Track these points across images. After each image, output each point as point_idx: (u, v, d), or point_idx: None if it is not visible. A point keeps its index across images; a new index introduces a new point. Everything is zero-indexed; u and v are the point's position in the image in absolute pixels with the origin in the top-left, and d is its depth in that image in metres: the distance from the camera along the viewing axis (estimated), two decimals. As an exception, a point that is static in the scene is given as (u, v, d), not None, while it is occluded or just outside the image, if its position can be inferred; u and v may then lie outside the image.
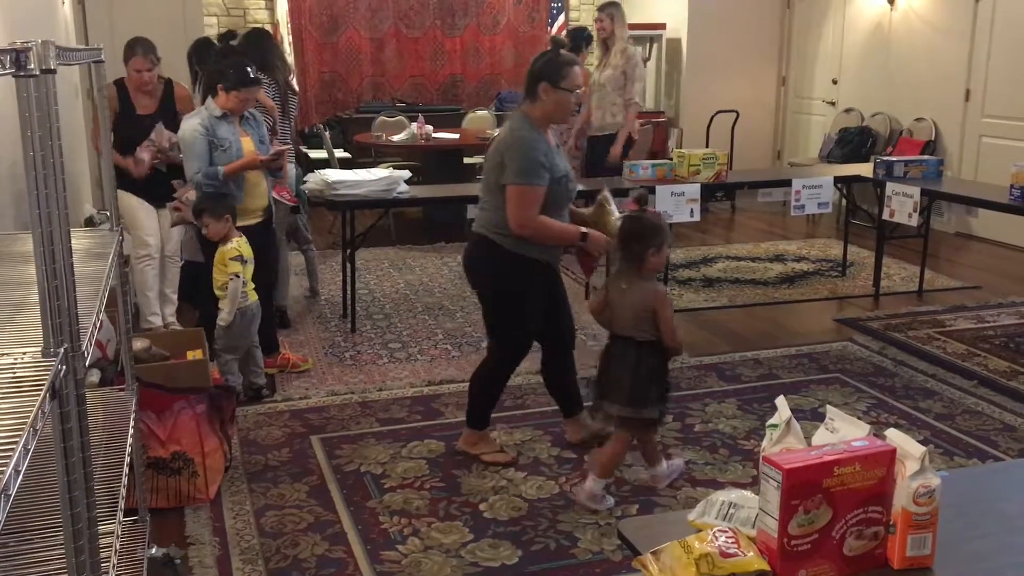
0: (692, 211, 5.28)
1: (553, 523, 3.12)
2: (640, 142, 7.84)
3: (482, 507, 3.23)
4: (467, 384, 4.30)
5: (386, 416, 4.00)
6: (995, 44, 7.13)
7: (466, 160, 8.08)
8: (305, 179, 5.11)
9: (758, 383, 4.34)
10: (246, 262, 3.97)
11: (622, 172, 5.55)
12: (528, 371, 4.50)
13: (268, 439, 3.76)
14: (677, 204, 5.16)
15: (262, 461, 3.58)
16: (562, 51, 3.36)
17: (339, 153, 8.12)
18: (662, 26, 9.44)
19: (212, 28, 9.00)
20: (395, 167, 6.06)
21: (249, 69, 4.11)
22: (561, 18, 9.67)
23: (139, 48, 4.62)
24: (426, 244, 7.24)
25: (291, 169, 4.92)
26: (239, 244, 3.97)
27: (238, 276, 3.93)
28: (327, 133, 8.03)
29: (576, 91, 3.31)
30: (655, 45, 9.61)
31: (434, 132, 7.81)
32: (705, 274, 6.35)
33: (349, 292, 5.27)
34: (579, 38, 6.49)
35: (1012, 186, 4.78)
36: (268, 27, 9.17)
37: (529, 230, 3.27)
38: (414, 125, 7.79)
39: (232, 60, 4.25)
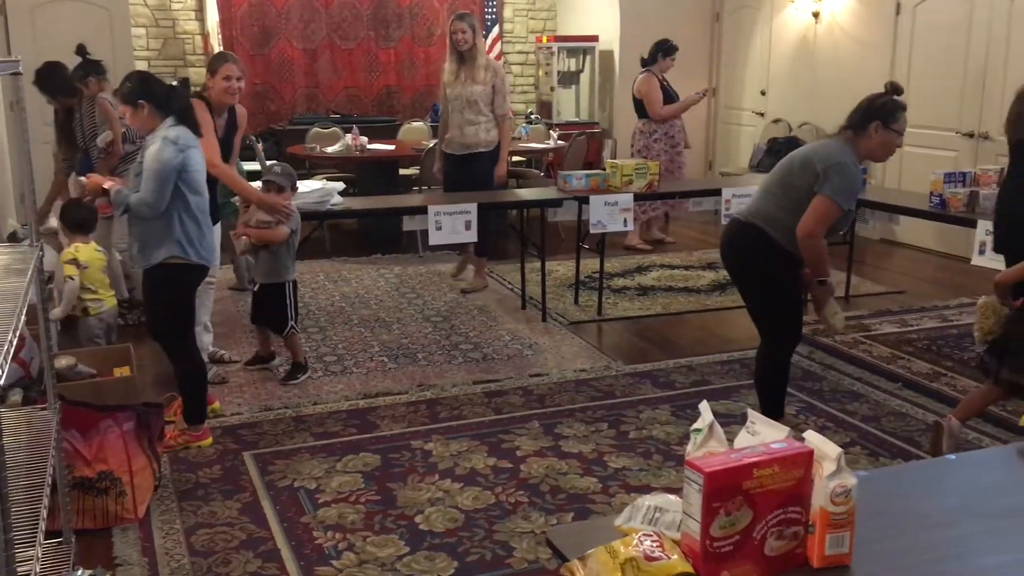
0: (625, 220, 5.35)
1: (489, 533, 3.12)
2: (574, 152, 7.93)
3: (418, 519, 3.21)
4: (403, 396, 4.33)
5: (321, 430, 3.96)
6: (915, 56, 7.37)
7: (402, 171, 8.06)
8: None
9: (691, 389, 4.41)
10: (84, 267, 4.45)
11: (507, 187, 5.63)
12: (464, 382, 4.51)
13: (199, 456, 3.69)
14: (611, 214, 5.22)
15: (193, 479, 3.51)
16: (896, 97, 3.53)
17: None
18: (595, 38, 9.56)
19: (140, 39, 8.86)
20: (329, 179, 6.03)
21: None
22: (495, 30, 9.72)
23: (229, 56, 4.41)
24: (362, 256, 7.20)
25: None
26: (76, 249, 4.47)
27: (73, 279, 4.41)
28: (260, 145, 7.93)
29: (902, 135, 3.52)
30: (588, 57, 9.72)
31: (369, 143, 7.77)
32: (640, 283, 6.42)
33: (283, 305, 5.20)
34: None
35: (932, 193, 4.94)
36: (199, 38, 9.06)
37: (811, 240, 3.44)
38: (348, 136, 7.75)
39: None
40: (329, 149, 7.73)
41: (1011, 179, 3.96)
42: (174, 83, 4.40)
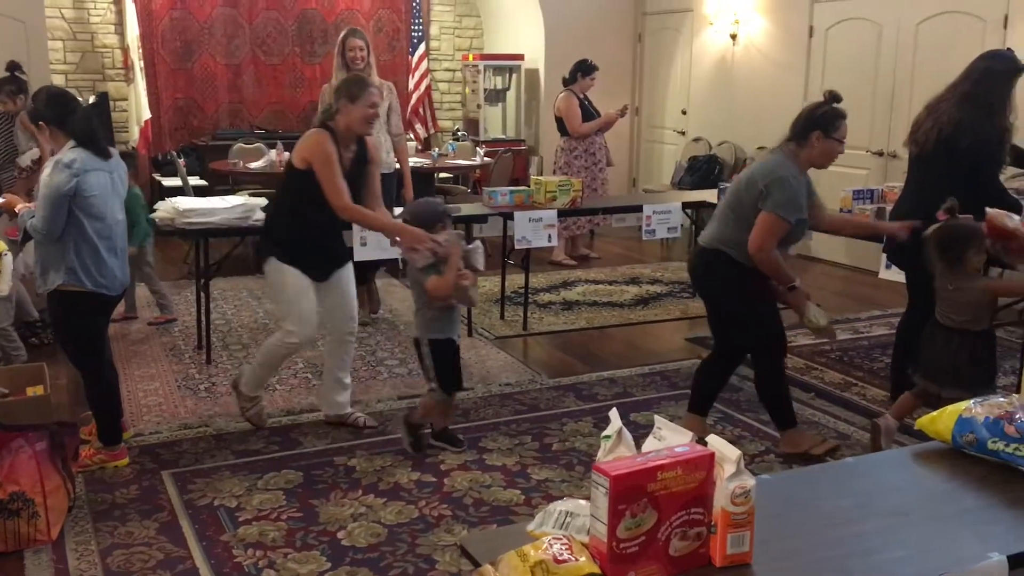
0: (550, 236, 5.42)
1: (412, 547, 3.13)
2: (500, 169, 8.01)
3: (340, 535, 3.20)
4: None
5: (242, 448, 3.92)
6: (827, 78, 7.63)
7: (327, 188, 8.01)
8: (155, 207, 4.99)
9: (613, 401, 4.48)
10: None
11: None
12: (388, 398, 4.51)
13: (115, 476, 3.62)
14: (535, 229, 5.28)
15: (109, 499, 3.44)
16: (835, 105, 3.59)
17: (194, 181, 7.92)
18: (520, 57, 9.67)
19: (58, 53, 8.66)
20: (253, 195, 5.96)
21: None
22: (422, 47, 9.76)
23: (370, 81, 3.92)
24: (286, 272, 7.12)
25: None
26: None
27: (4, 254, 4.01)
28: (181, 160, 7.82)
29: (843, 143, 3.60)
30: (514, 75, 9.82)
31: (293, 159, 7.71)
32: (565, 297, 6.50)
33: (204, 322, 5.13)
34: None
35: (842, 209, 5.11)
36: (118, 52, 8.89)
37: (762, 255, 3.55)
38: (273, 152, 7.69)
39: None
40: (253, 165, 7.65)
41: (906, 191, 4.18)
42: (92, 98, 4.26)
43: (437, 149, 8.66)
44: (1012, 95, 3.99)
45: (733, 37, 8.50)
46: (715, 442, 1.53)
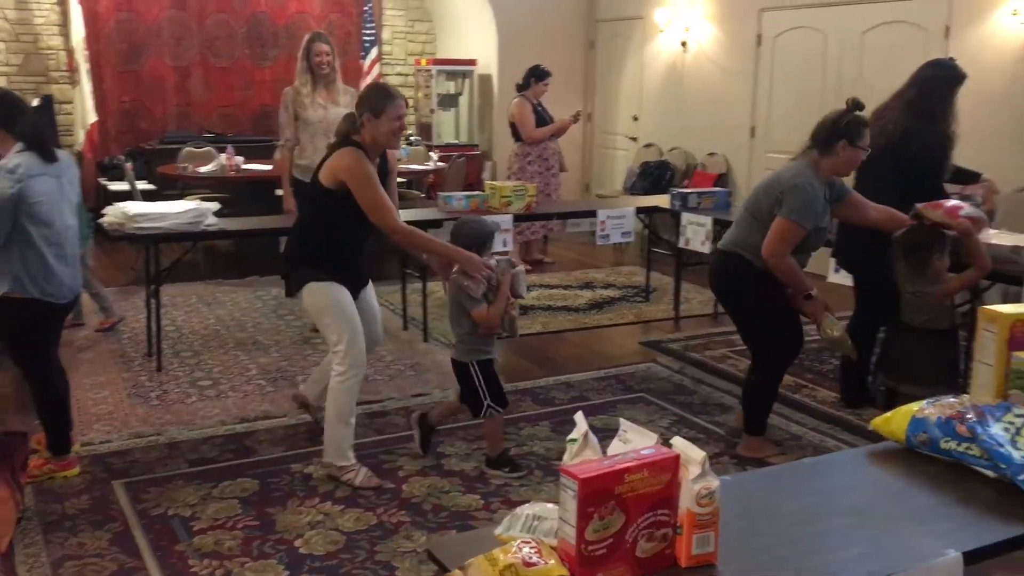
0: (505, 241, 5.43)
1: (371, 554, 3.11)
2: (455, 174, 8.01)
3: (298, 543, 3.17)
4: (282, 419, 4.26)
5: (196, 456, 3.86)
6: (775, 85, 7.78)
7: (278, 192, 7.92)
8: (103, 212, 4.89)
9: (570, 405, 4.50)
10: None
11: None
12: (345, 403, 4.48)
13: (65, 487, 3.54)
14: (489, 234, 5.28)
15: (59, 510, 3.36)
16: (858, 113, 3.62)
17: (142, 185, 7.78)
18: (473, 62, 9.69)
19: (0, 54, 8.47)
20: (204, 199, 5.88)
21: None
22: (374, 51, 9.72)
23: (396, 91, 3.62)
24: (237, 278, 7.05)
25: None
26: None
27: None
28: (129, 164, 7.68)
29: (866, 150, 3.63)
30: (467, 80, 9.84)
31: (244, 163, 7.64)
32: (519, 302, 6.51)
33: (154, 329, 5.05)
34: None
35: (791, 215, 5.20)
36: (63, 54, 8.71)
37: (775, 260, 3.59)
38: (223, 156, 7.60)
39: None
40: (203, 169, 7.56)
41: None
42: (36, 101, 4.10)
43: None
44: (955, 103, 4.10)
45: (683, 45, 8.61)
46: (679, 444, 1.55)
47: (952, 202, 3.78)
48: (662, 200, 6.21)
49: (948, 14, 6.33)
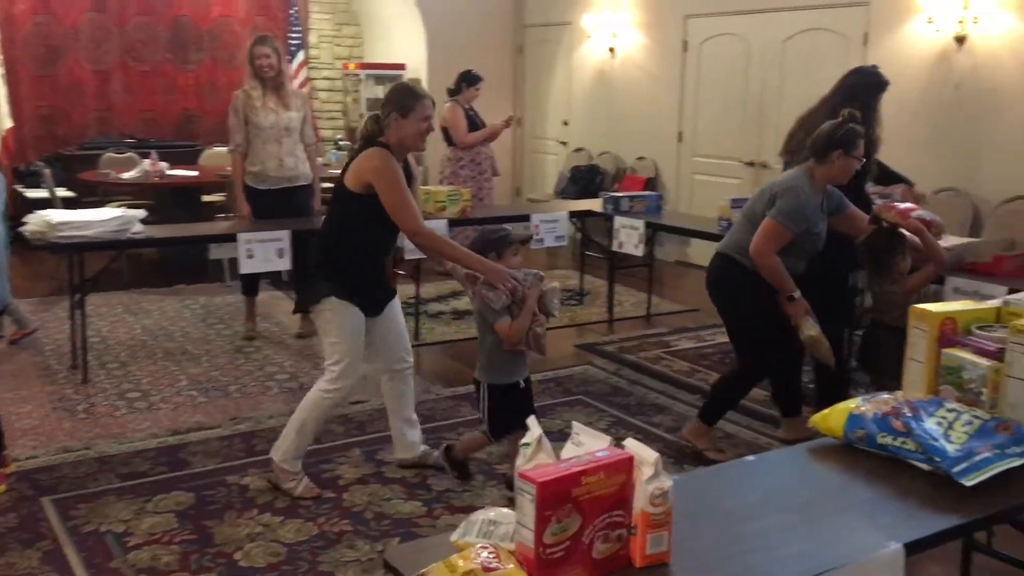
0: (439, 246, 5.41)
1: (313, 565, 3.07)
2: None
3: (237, 556, 3.12)
4: (216, 430, 4.19)
5: (127, 471, 3.76)
6: (701, 91, 7.93)
7: (205, 198, 7.79)
8: (23, 220, 4.73)
9: (508, 410, 4.51)
10: None
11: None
12: (280, 413, 4.42)
13: (-10, 505, 3.42)
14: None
15: (-16, 530, 3.25)
16: (853, 124, 3.69)
17: (62, 192, 7.55)
18: (402, 66, 9.65)
19: (-95, 55, 8.12)
20: (128, 206, 5.73)
21: None
22: (301, 55, 9.61)
23: (424, 91, 3.50)
24: (164, 287, 6.90)
25: None
26: None
27: None
28: (47, 171, 7.45)
29: (861, 160, 3.72)
30: (396, 85, 9.78)
31: (169, 169, 7.47)
32: (455, 307, 6.51)
33: (79, 340, 4.90)
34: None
35: (720, 218, 5.32)
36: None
37: (760, 259, 3.68)
38: (147, 162, 7.42)
39: None
40: (125, 175, 7.37)
41: None
42: None
43: (320, 159, 8.53)
44: (879, 109, 4.24)
45: (612, 50, 8.72)
46: (632, 445, 1.57)
47: (905, 204, 3.92)
48: (594, 204, 6.29)
49: (867, 22, 6.54)
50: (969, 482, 1.78)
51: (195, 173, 7.72)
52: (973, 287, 3.86)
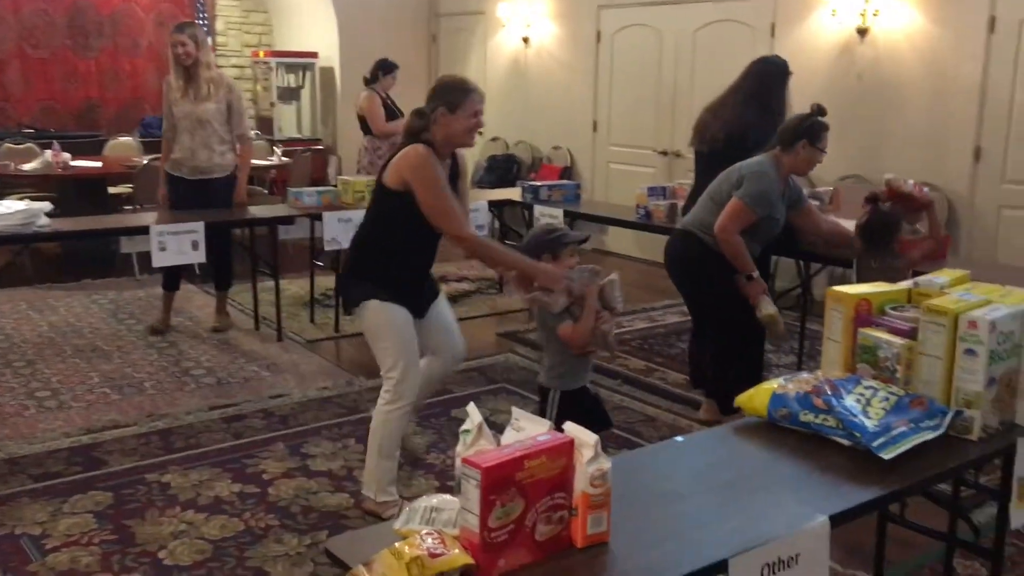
0: (358, 237, 5.36)
1: (241, 561, 3.03)
2: (299, 169, 7.84)
3: (162, 555, 3.05)
4: (132, 428, 4.08)
5: (40, 471, 3.64)
6: (615, 81, 8.04)
7: (111, 190, 7.53)
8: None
9: (434, 399, 4.49)
10: None
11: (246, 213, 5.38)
12: (199, 408, 4.33)
13: None
14: (345, 230, 5.21)
15: None
16: (820, 118, 3.84)
17: (-44, 184, 7.20)
18: (314, 54, 9.51)
19: None
20: (30, 199, 5.51)
21: None
22: (208, 42, 9.35)
23: (474, 84, 3.29)
24: (70, 281, 6.66)
25: None
26: None
27: None
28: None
29: (825, 152, 3.86)
30: (308, 73, 9.64)
31: (72, 160, 7.20)
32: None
33: (-18, 339, 4.71)
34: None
35: (637, 206, 5.41)
36: None
37: (723, 235, 3.79)
38: (48, 153, 7.13)
39: None
40: (26, 167, 7.08)
41: (696, 187, 4.49)
42: None
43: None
44: (786, 96, 4.37)
45: (525, 40, 8.76)
46: (572, 429, 1.60)
47: (912, 180, 4.06)
48: (513, 193, 6.32)
49: (773, 13, 6.73)
50: (887, 455, 1.87)
51: (99, 164, 7.46)
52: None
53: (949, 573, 2.89)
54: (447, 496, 1.64)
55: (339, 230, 5.17)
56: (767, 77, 4.31)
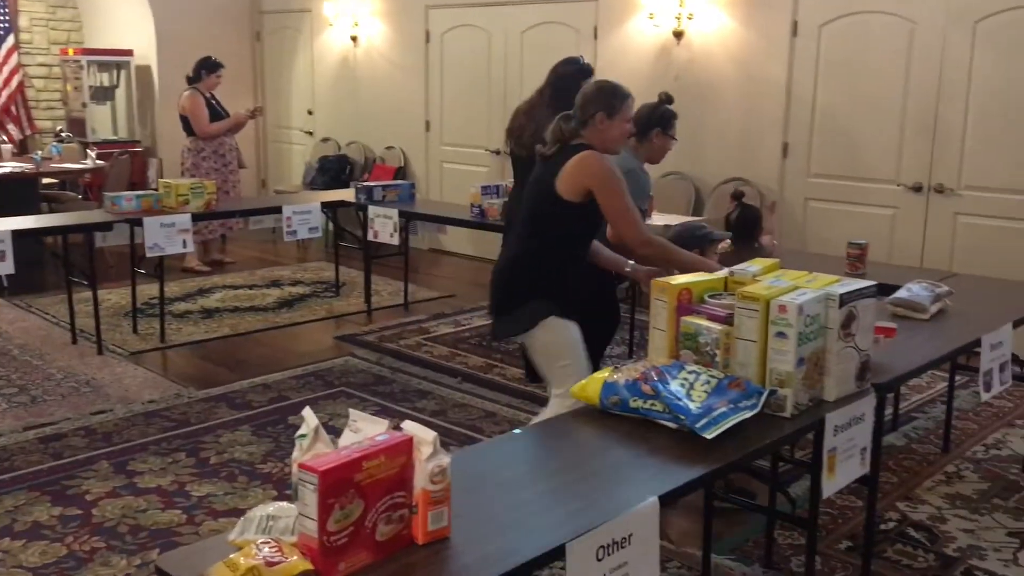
0: (184, 242, 5.16)
1: (64, 588, 2.86)
2: (117, 173, 7.44)
3: (-26, 589, 2.84)
4: (-65, 455, 3.76)
5: None
6: (445, 81, 8.07)
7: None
8: None
9: (270, 407, 4.40)
10: None
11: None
12: (12, 429, 4.05)
13: None
14: (168, 235, 5.00)
15: None
16: (668, 106, 3.89)
17: None
18: (129, 52, 9.05)
19: None
20: None
21: None
22: (10, 39, 8.76)
23: (625, 89, 3.13)
24: None
25: None
26: None
27: None
28: None
29: (675, 140, 3.96)
30: (123, 72, 9.17)
31: None
32: (203, 305, 6.23)
33: None
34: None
35: (472, 205, 5.46)
36: None
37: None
38: None
39: None
40: None
41: (514, 188, 4.57)
42: None
43: (39, 152, 7.84)
44: None
45: (354, 39, 8.65)
46: (411, 427, 1.61)
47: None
48: (346, 194, 6.24)
49: (596, 17, 6.93)
50: (710, 435, 1.97)
51: None
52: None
53: (771, 543, 3.08)
54: (284, 504, 1.61)
55: (161, 235, 4.95)
56: (565, 79, 4.34)
